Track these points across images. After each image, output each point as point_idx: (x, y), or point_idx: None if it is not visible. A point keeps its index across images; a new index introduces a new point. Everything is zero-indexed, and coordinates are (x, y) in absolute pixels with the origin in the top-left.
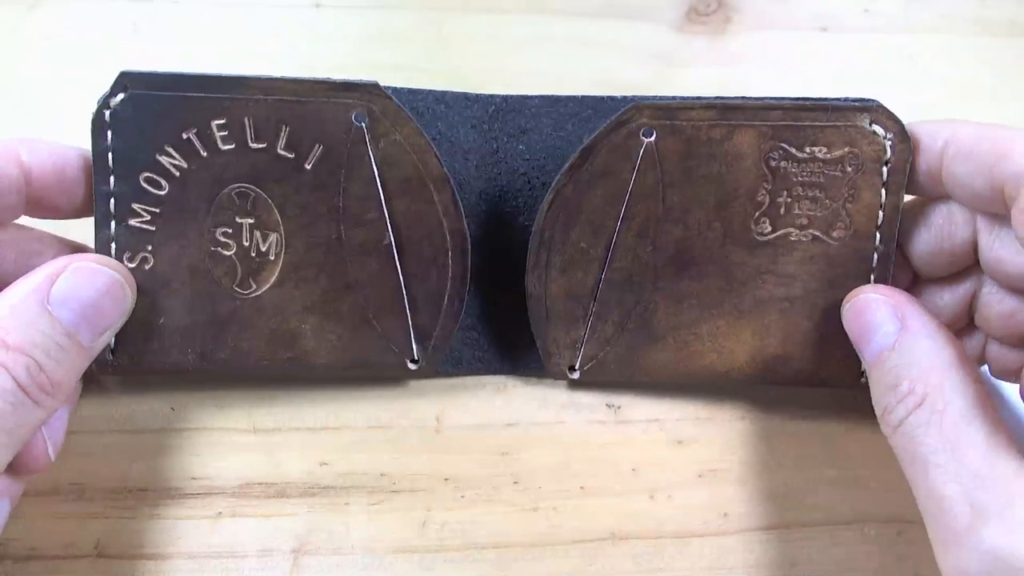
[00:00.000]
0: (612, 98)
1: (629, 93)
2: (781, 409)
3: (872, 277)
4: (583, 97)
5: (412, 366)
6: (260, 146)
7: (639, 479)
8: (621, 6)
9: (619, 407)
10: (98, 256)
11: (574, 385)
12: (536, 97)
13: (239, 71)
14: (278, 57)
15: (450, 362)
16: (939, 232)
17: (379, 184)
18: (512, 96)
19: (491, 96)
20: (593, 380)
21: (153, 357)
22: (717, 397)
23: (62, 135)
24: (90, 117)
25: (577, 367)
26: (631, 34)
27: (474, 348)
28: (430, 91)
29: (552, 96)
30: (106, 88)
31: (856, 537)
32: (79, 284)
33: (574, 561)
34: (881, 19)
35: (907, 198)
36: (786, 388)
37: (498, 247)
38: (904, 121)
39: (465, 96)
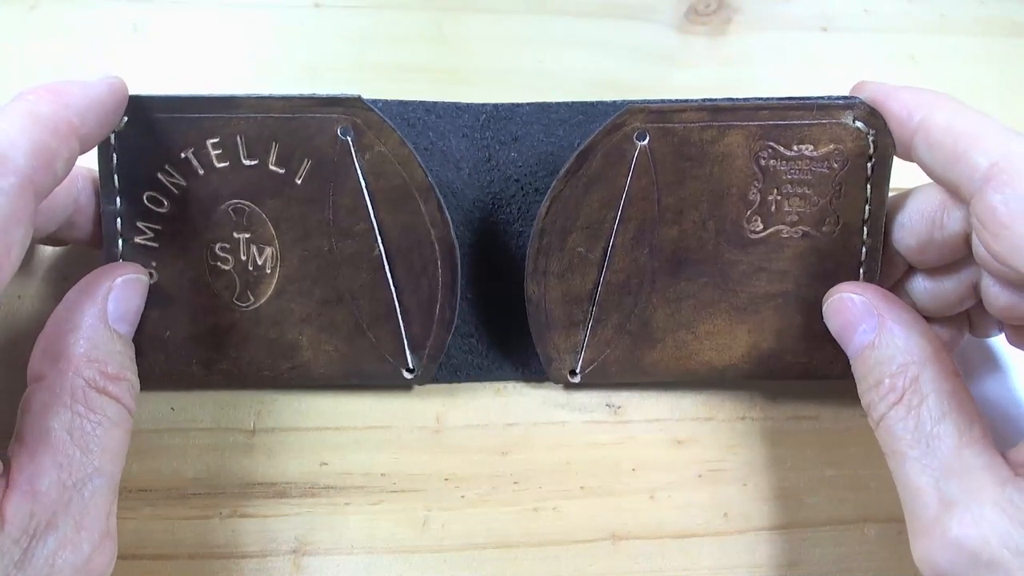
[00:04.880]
0: (602, 103)
1: (630, 92)
2: (781, 409)
3: (861, 271)
4: (573, 103)
5: (408, 375)
6: (252, 163)
7: (639, 479)
8: (621, 6)
9: (619, 407)
10: (126, 265)
11: (575, 387)
12: (526, 104)
13: (239, 72)
14: (278, 58)
15: (450, 369)
16: (931, 225)
17: (366, 195)
18: (502, 104)
19: (482, 105)
20: (594, 383)
21: (161, 369)
22: (717, 397)
23: None
24: None
25: (578, 371)
26: (631, 34)
27: (473, 355)
28: (420, 102)
29: (542, 103)
30: None
31: (856, 537)
32: (128, 297)
33: (574, 561)
34: (881, 19)
35: (896, 191)
36: (785, 387)
37: (494, 254)
38: (890, 84)
39: (456, 105)
